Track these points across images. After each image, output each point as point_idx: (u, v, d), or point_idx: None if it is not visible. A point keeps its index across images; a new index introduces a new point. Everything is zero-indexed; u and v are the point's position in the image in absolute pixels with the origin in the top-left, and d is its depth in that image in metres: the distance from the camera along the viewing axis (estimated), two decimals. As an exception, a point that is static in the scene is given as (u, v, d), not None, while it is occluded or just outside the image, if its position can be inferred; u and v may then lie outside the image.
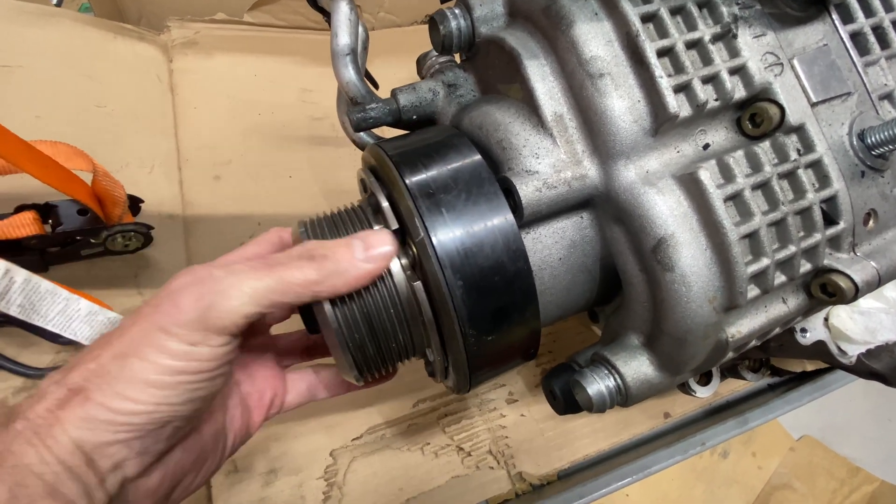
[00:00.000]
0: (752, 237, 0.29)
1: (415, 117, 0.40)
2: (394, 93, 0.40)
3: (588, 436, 0.63)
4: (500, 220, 0.30)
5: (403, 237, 0.33)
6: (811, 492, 1.34)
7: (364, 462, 0.56)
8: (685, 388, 0.50)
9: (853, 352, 0.41)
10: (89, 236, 0.52)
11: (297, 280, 0.27)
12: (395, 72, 0.86)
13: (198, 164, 0.70)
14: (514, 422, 0.62)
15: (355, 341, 0.33)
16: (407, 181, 0.31)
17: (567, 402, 0.37)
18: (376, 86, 0.45)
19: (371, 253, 0.29)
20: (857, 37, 0.34)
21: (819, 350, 0.41)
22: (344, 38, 0.42)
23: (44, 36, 0.71)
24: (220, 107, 0.75)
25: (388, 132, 0.44)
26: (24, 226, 0.49)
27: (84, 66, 0.71)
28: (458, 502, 0.56)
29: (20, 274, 0.41)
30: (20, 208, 0.51)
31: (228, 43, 0.82)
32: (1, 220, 0.49)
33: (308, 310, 0.32)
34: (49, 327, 0.44)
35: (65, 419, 0.23)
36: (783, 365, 0.67)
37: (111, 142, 0.66)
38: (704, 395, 0.51)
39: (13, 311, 0.41)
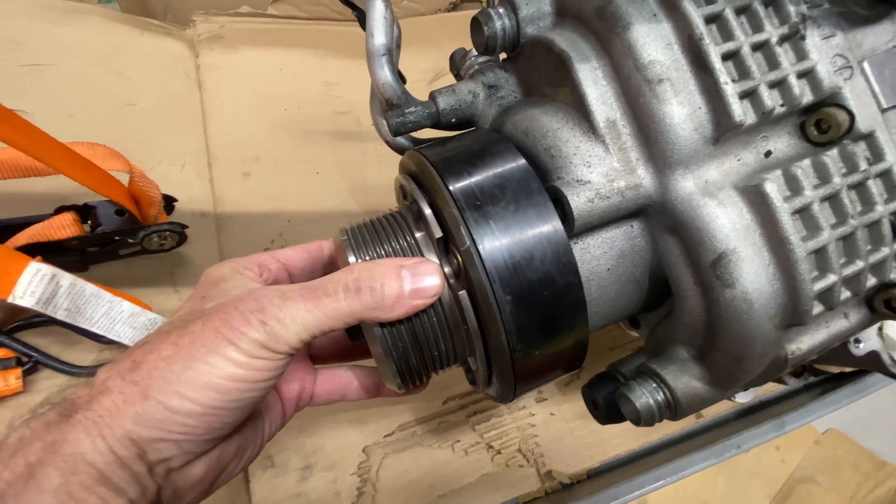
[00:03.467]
0: (819, 253, 0.27)
1: (454, 120, 0.39)
2: (433, 95, 0.39)
3: (618, 435, 0.63)
4: (549, 231, 0.30)
5: (447, 245, 0.32)
6: (835, 485, 1.32)
7: (396, 459, 0.57)
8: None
9: (908, 362, 0.40)
10: (127, 236, 0.53)
11: (344, 312, 0.29)
12: (419, 63, 0.85)
13: (227, 161, 0.70)
14: (544, 420, 0.62)
15: (399, 350, 0.32)
16: (451, 188, 0.31)
17: (609, 412, 0.36)
18: (404, 80, 0.44)
19: (418, 286, 0.30)
20: (930, 34, 0.32)
21: (872, 360, 0.40)
22: (380, 38, 0.40)
23: (72, 33, 0.71)
24: (246, 102, 0.75)
25: (423, 133, 0.43)
26: (65, 227, 0.49)
27: (113, 63, 0.71)
28: (488, 500, 0.57)
29: (66, 278, 0.41)
30: (60, 209, 0.52)
31: (253, 36, 0.81)
32: (42, 221, 0.49)
33: None
34: (94, 329, 0.45)
35: (124, 413, 0.25)
36: (821, 365, 0.65)
37: (143, 140, 0.66)
38: (744, 399, 0.50)
39: (60, 315, 0.42)
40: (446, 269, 0.32)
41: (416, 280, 0.30)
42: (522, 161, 0.32)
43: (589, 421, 0.64)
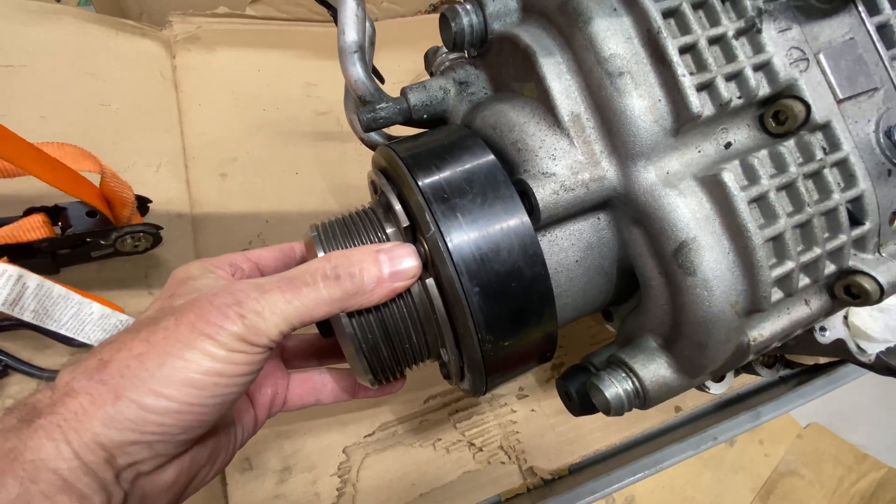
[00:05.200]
0: (776, 240, 0.28)
1: (425, 116, 0.40)
2: (404, 91, 0.39)
3: (599, 430, 0.63)
4: (516, 223, 0.30)
5: (414, 234, 0.32)
6: (818, 478, 1.34)
7: (376, 458, 0.57)
8: (699, 385, 0.50)
9: (873, 350, 0.41)
10: (99, 238, 0.52)
11: (325, 300, 0.28)
12: (399, 63, 0.85)
13: (204, 161, 0.69)
14: (525, 417, 0.62)
15: (369, 343, 0.32)
16: (420, 183, 0.31)
17: (583, 403, 0.37)
18: (382, 80, 0.44)
19: (397, 269, 0.29)
20: (883, 29, 0.33)
21: (838, 348, 0.40)
22: (352, 35, 0.41)
23: (46, 34, 0.70)
24: (224, 103, 0.75)
25: (398, 129, 0.43)
26: (35, 229, 0.48)
27: (87, 64, 0.70)
28: (470, 497, 0.57)
29: (33, 279, 0.41)
30: (29, 211, 0.51)
31: (231, 37, 0.81)
32: (11, 223, 0.48)
33: None
34: (62, 331, 0.44)
35: (92, 415, 0.24)
36: (796, 358, 0.66)
37: (117, 141, 0.66)
38: (718, 391, 0.50)
39: (27, 317, 0.41)
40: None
41: (395, 262, 0.30)
42: (490, 155, 0.32)
43: (570, 416, 0.64)
